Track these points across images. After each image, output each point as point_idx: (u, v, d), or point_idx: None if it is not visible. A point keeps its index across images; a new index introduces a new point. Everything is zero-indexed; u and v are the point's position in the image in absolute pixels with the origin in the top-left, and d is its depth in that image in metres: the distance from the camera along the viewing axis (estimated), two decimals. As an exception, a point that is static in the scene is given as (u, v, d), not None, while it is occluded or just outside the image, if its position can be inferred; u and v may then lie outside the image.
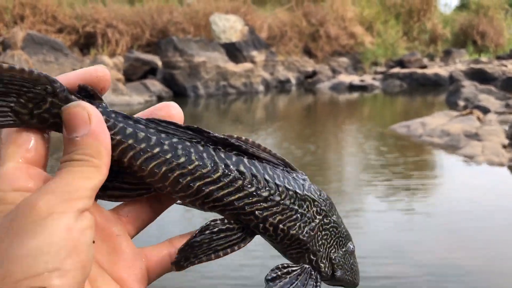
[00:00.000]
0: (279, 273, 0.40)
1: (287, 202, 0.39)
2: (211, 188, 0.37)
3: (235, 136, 0.40)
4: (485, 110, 6.75)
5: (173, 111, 0.41)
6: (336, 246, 0.42)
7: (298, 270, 0.40)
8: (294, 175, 0.41)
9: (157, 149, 0.37)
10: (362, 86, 12.84)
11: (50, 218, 0.30)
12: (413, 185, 3.84)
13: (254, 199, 0.38)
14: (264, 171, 0.39)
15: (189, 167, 0.37)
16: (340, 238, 0.42)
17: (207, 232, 0.39)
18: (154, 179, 0.37)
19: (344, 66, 15.37)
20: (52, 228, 0.30)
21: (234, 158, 0.39)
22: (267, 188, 0.38)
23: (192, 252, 0.38)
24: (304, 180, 0.41)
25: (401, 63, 14.94)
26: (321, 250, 0.40)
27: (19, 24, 11.26)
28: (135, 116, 0.39)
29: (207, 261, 0.39)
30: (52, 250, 0.30)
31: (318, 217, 0.40)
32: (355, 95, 11.87)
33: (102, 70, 0.38)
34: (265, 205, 0.38)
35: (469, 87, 8.84)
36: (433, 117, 6.49)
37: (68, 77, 0.37)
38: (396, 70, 14.16)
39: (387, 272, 2.32)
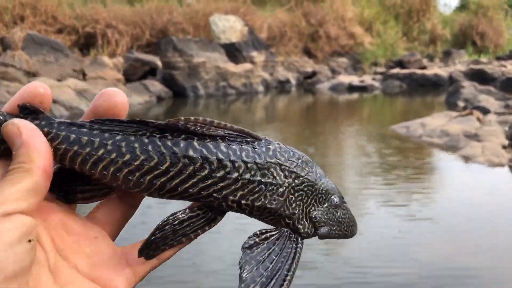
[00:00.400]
0: (256, 239, 0.39)
1: (247, 176, 0.37)
2: (162, 180, 0.37)
3: (183, 118, 0.38)
4: (485, 111, 6.76)
5: (115, 99, 0.39)
6: (315, 204, 0.40)
7: (276, 235, 0.39)
8: (256, 143, 0.40)
9: (101, 151, 0.37)
10: (361, 87, 12.85)
11: None
12: (413, 186, 3.85)
13: (209, 182, 0.37)
14: (216, 149, 0.38)
15: (135, 163, 0.37)
16: (319, 195, 0.40)
17: (167, 227, 0.38)
18: (107, 180, 0.37)
19: (344, 67, 15.38)
20: None
21: (182, 144, 0.37)
22: (221, 168, 0.37)
23: (155, 247, 0.38)
24: (268, 146, 0.40)
25: (401, 64, 14.95)
26: (296, 212, 0.39)
27: (19, 25, 11.26)
28: (80, 120, 0.39)
29: (178, 245, 0.39)
30: None
31: (287, 180, 0.38)
32: (355, 95, 11.89)
33: (42, 86, 0.39)
34: (222, 184, 0.37)
35: (468, 88, 8.85)
36: (432, 118, 6.50)
37: (12, 101, 0.39)
38: (396, 70, 14.17)
39: (389, 276, 2.31)
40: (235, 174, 0.37)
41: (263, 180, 0.38)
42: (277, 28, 14.93)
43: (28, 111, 0.38)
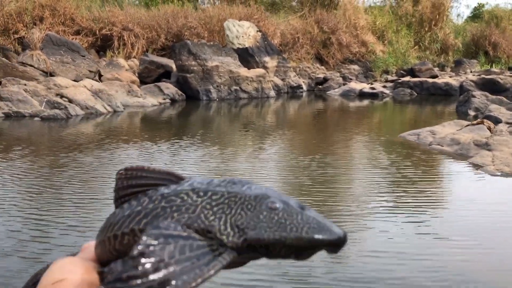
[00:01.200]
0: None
1: (149, 206, 0.38)
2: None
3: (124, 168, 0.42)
4: (497, 120, 6.81)
5: None
6: (242, 212, 0.37)
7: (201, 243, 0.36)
8: (176, 183, 0.40)
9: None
10: (372, 94, 12.94)
11: None
12: (423, 195, 3.89)
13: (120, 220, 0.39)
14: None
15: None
16: (247, 203, 0.37)
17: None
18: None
19: (355, 74, 15.47)
20: None
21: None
22: (128, 208, 0.40)
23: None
24: (186, 181, 0.40)
25: (412, 72, 15.01)
26: (216, 224, 0.36)
27: (38, 25, 11.51)
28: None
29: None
30: None
31: (200, 199, 0.37)
32: (365, 102, 11.97)
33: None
34: (129, 219, 0.38)
35: (480, 97, 8.90)
36: (443, 126, 6.56)
37: None
38: (407, 78, 14.24)
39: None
40: (138, 208, 0.38)
41: (167, 204, 0.37)
42: (290, 34, 15.08)
43: None
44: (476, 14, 26.28)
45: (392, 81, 14.47)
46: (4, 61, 9.57)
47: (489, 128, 6.15)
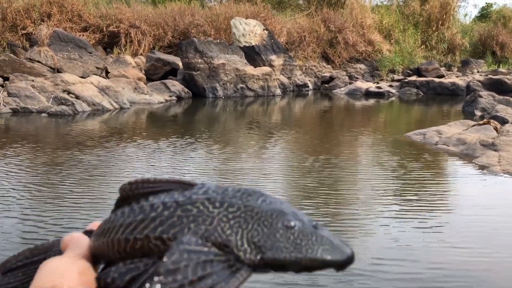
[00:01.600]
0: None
1: (165, 213, 0.38)
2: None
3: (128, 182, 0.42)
4: (503, 121, 6.78)
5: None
6: (258, 228, 0.36)
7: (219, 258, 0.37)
8: (189, 189, 0.40)
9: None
10: (378, 93, 12.91)
11: None
12: (430, 198, 3.87)
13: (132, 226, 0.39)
14: (145, 201, 0.40)
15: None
16: (264, 219, 0.37)
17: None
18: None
19: (361, 73, 15.45)
20: None
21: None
22: (141, 211, 0.40)
23: None
24: (200, 188, 0.40)
25: (418, 72, 14.96)
26: (233, 238, 0.36)
27: (46, 22, 11.58)
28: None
29: None
30: None
31: (217, 210, 0.37)
32: (371, 101, 11.95)
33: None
34: (143, 225, 0.38)
35: (486, 97, 8.86)
36: (449, 126, 6.55)
37: None
38: (413, 78, 14.19)
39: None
40: (153, 214, 0.38)
41: (183, 214, 0.37)
42: (297, 33, 15.07)
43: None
44: (484, 14, 26.14)
45: (398, 80, 14.43)
46: (12, 57, 9.64)
47: (495, 129, 6.13)
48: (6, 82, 8.70)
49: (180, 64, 11.38)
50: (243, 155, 5.22)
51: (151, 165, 4.56)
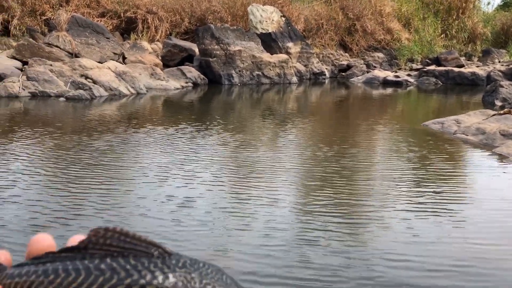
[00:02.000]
0: None
1: None
2: None
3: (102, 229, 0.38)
4: (524, 111, 6.63)
5: (44, 243, 0.40)
6: None
7: None
8: (162, 258, 0.37)
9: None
10: (396, 82, 12.75)
11: None
12: (448, 186, 3.82)
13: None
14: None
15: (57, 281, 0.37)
16: None
17: None
18: None
19: (379, 61, 15.24)
20: None
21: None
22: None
23: None
24: (169, 264, 0.36)
25: (438, 61, 14.71)
26: None
27: (64, 7, 11.65)
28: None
29: None
30: None
31: None
32: (389, 90, 11.80)
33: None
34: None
35: (508, 87, 8.68)
36: (468, 115, 6.44)
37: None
38: (432, 67, 13.96)
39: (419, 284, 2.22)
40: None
41: None
42: (314, 20, 14.90)
43: None
44: (508, 3, 25.48)
45: (417, 69, 14.21)
46: (31, 41, 9.74)
47: (516, 119, 6.00)
48: (25, 66, 8.81)
49: (197, 50, 11.37)
50: (257, 143, 5.21)
51: (166, 152, 4.57)
